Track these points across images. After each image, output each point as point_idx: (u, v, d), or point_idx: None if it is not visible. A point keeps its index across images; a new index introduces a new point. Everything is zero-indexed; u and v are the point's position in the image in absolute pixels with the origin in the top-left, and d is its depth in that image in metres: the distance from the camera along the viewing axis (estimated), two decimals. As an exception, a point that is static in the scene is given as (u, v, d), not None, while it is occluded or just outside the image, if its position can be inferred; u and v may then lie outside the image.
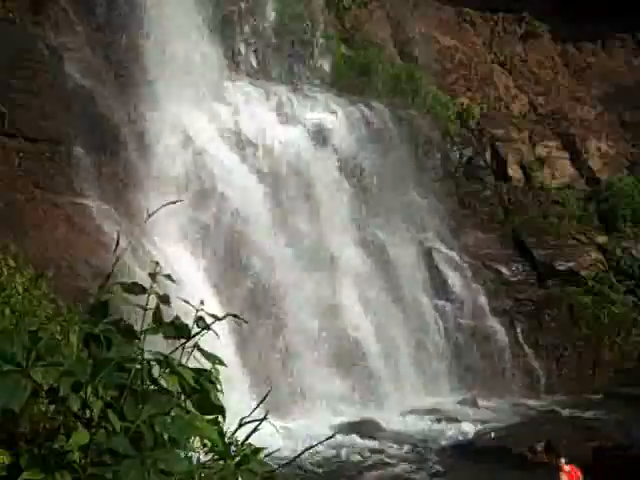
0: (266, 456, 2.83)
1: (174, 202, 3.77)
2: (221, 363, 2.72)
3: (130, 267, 13.49)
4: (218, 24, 19.89)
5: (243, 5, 21.29)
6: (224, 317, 2.75)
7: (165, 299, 2.65)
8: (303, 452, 3.22)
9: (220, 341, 2.82)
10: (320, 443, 3.51)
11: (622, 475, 12.71)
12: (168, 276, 2.75)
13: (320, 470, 13.79)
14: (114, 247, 2.81)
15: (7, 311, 7.45)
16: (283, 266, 18.43)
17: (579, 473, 11.01)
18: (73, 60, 17.62)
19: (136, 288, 2.67)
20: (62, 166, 16.49)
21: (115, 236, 15.65)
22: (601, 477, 12.92)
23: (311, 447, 3.27)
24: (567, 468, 10.95)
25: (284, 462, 3.06)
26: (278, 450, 4.05)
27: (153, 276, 2.64)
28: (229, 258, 17.89)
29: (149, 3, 18.28)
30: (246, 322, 2.98)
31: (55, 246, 15.15)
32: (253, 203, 18.67)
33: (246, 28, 21.31)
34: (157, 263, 2.68)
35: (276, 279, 18.22)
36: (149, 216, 3.24)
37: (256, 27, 21.52)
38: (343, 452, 14.95)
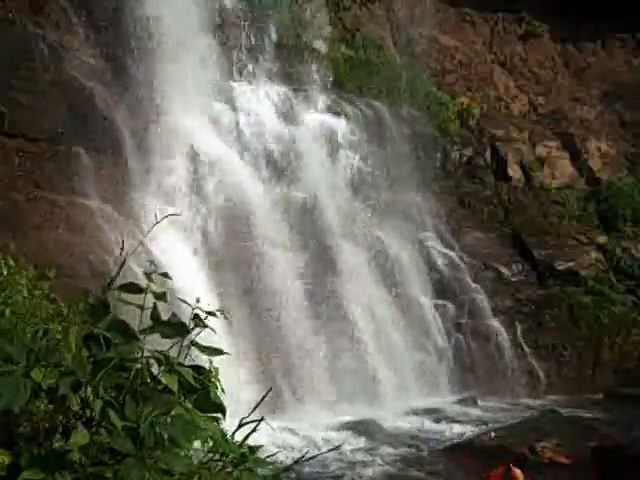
0: (268, 456, 2.83)
1: (177, 214, 3.78)
2: (220, 353, 2.71)
3: (131, 268, 13.47)
4: (219, 24, 19.89)
5: (244, 6, 21.29)
6: (214, 313, 2.76)
7: (162, 297, 2.65)
8: (301, 459, 3.22)
9: (219, 341, 2.83)
10: (323, 454, 3.52)
11: (622, 475, 12.70)
12: (165, 274, 2.75)
13: (319, 470, 13.76)
14: (120, 250, 2.84)
15: (7, 311, 7.43)
16: (283, 266, 18.43)
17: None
18: (73, 60, 17.61)
19: (134, 287, 2.68)
20: (62, 166, 16.48)
21: (115, 237, 15.67)
22: (601, 477, 12.92)
23: (306, 457, 3.27)
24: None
25: (284, 464, 3.06)
26: (279, 450, 4.06)
27: (149, 275, 2.65)
28: (230, 258, 17.87)
29: (149, 3, 18.28)
30: (227, 318, 2.99)
31: (55, 246, 15.12)
32: (254, 203, 18.67)
33: (248, 28, 21.30)
34: (152, 262, 2.69)
35: (277, 279, 18.21)
36: (153, 225, 3.26)
37: (257, 27, 21.51)
38: (343, 452, 14.92)
